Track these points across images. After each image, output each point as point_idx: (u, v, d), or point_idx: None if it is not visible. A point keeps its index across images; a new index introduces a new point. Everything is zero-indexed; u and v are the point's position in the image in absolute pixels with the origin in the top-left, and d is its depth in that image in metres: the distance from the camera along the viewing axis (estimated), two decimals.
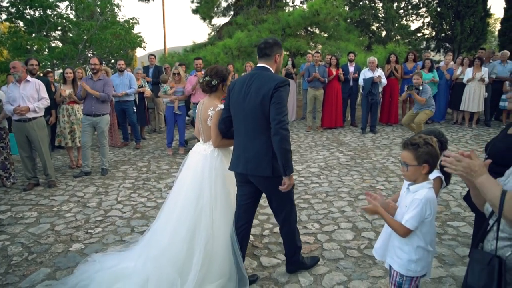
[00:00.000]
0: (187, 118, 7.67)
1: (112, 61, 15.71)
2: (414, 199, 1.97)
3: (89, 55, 13.69)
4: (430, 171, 2.00)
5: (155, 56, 10.49)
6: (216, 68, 3.07)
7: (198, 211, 2.84)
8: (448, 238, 3.59)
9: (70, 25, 13.73)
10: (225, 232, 2.86)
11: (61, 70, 11.81)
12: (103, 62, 15.14)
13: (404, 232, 1.98)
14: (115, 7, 14.58)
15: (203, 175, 2.91)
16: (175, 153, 7.32)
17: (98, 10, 13.75)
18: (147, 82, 9.13)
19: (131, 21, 14.34)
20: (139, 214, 4.39)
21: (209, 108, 2.99)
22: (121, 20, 14.68)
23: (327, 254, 3.36)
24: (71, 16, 13.97)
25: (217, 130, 2.93)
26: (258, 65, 2.78)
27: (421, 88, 7.07)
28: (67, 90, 6.35)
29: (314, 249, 3.46)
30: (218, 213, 2.87)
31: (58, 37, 14.79)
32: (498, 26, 16.37)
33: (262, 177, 2.68)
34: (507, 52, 9.18)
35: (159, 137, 9.08)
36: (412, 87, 7.11)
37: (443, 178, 2.29)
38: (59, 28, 14.16)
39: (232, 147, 3.07)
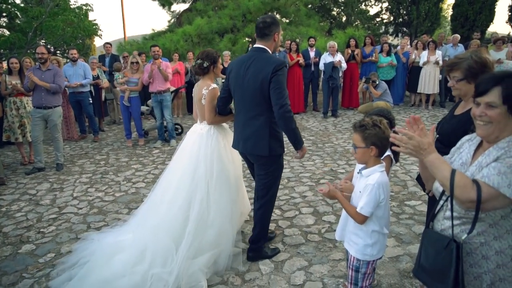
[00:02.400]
0: (146, 108, 7.39)
1: (68, 50, 14.93)
2: (367, 184, 1.94)
3: (40, 44, 12.90)
4: (380, 154, 1.98)
5: (111, 45, 10.06)
6: (206, 51, 3.22)
7: (194, 185, 2.96)
8: (405, 217, 3.70)
9: (16, 11, 12.85)
10: (221, 206, 2.97)
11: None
12: (57, 51, 14.41)
13: (361, 220, 1.96)
14: None
15: (199, 152, 3.05)
16: (135, 144, 7.09)
17: None
18: (104, 71, 8.74)
19: (84, 7, 13.64)
20: (96, 210, 4.22)
21: (203, 88, 3.10)
22: (74, 7, 13.93)
23: (288, 240, 3.37)
24: (18, 1, 13.08)
25: (210, 107, 3.05)
26: (255, 45, 2.83)
27: (377, 82, 7.57)
28: (13, 82, 5.96)
29: (275, 235, 3.45)
30: (214, 188, 2.97)
31: (4, 25, 13.82)
32: (450, 11, 16.93)
33: (259, 156, 2.81)
34: (458, 36, 9.56)
35: (118, 128, 8.76)
36: (369, 80, 7.56)
37: (392, 156, 2.30)
38: (4, 14, 13.22)
39: (226, 124, 3.29)
